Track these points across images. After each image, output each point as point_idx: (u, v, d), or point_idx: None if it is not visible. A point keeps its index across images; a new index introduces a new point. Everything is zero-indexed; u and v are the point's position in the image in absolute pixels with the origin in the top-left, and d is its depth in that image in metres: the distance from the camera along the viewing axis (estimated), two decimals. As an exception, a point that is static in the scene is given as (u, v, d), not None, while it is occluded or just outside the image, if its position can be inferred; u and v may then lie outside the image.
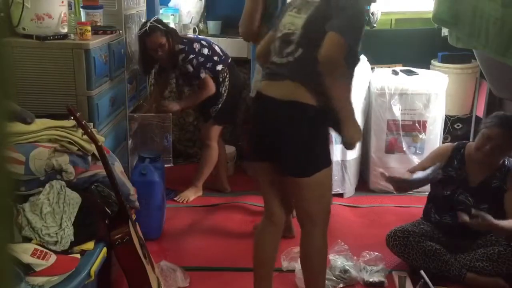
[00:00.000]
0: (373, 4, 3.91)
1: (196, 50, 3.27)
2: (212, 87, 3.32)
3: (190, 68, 3.25)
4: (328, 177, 2.04)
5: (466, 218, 2.31)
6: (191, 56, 3.24)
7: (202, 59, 3.28)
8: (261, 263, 2.21)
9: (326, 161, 2.00)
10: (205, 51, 3.30)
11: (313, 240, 2.07)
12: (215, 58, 3.34)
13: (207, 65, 3.30)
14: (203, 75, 3.27)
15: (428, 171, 2.73)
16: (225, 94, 3.36)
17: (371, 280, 2.54)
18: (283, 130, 1.94)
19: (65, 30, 2.56)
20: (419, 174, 2.74)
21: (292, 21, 1.98)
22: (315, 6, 1.93)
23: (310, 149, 1.95)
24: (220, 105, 3.36)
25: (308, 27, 1.91)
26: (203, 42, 3.34)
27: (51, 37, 2.48)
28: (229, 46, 3.48)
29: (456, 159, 2.68)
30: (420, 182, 2.78)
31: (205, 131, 3.47)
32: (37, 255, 1.77)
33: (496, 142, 2.51)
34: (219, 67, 3.35)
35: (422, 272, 2.46)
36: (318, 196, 2.02)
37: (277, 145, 1.96)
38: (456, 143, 2.78)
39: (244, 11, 2.78)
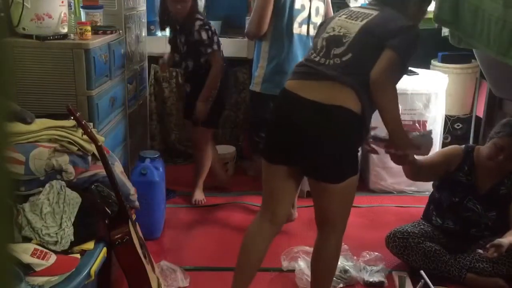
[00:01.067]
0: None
1: (212, 28, 3.18)
2: (221, 61, 3.19)
3: (205, 36, 3.11)
4: (355, 184, 2.01)
5: (484, 253, 2.27)
6: (207, 27, 3.13)
7: (215, 37, 3.17)
8: (251, 266, 2.12)
9: (356, 168, 2.00)
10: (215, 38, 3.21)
11: (329, 244, 2.06)
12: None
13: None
14: (215, 47, 3.14)
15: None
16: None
17: (371, 280, 2.53)
18: (322, 134, 1.87)
19: (65, 30, 2.56)
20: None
21: (344, 25, 1.96)
22: (373, 16, 1.94)
23: (348, 155, 1.93)
24: (209, 106, 3.27)
25: (364, 33, 1.90)
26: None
27: (51, 37, 2.48)
28: (229, 46, 3.45)
29: (466, 164, 2.64)
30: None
31: (196, 137, 3.39)
32: (37, 255, 1.77)
33: (509, 151, 2.48)
34: None
35: (422, 272, 2.45)
36: (343, 202, 2.02)
37: (311, 148, 1.88)
38: (464, 146, 2.73)
39: (256, 10, 2.75)
